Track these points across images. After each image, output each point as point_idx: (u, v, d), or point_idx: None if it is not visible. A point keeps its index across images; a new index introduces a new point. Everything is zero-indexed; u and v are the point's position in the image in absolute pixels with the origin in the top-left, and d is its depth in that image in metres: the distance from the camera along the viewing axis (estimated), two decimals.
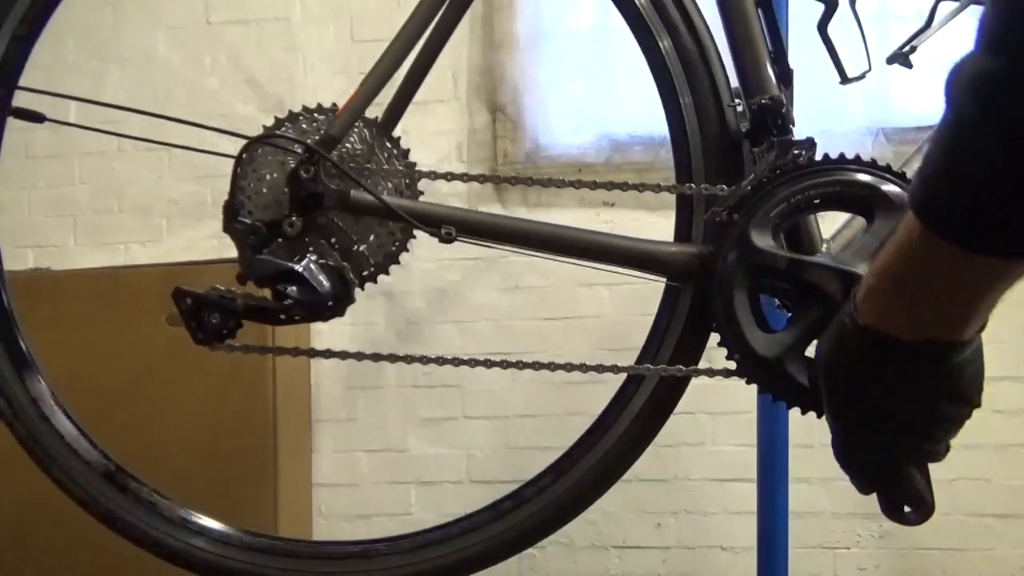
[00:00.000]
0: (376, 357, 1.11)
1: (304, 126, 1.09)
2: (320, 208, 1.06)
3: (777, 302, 1.04)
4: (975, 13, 1.07)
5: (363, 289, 1.09)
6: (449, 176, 1.12)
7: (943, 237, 0.63)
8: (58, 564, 2.16)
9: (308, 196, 1.05)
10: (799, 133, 1.04)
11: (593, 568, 2.42)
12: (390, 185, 1.10)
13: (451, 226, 1.04)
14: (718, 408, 2.30)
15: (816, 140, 1.01)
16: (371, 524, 2.47)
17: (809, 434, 2.23)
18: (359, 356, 1.11)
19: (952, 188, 0.62)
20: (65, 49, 2.46)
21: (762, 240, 0.98)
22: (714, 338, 1.05)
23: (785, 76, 1.07)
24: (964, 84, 0.59)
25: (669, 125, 1.11)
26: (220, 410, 2.19)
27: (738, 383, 1.04)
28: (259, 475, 2.22)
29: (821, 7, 1.08)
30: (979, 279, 0.66)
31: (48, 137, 2.43)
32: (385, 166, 1.10)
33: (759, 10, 1.07)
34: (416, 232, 1.08)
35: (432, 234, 1.05)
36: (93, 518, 1.16)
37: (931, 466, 2.23)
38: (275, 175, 1.07)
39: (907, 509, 0.87)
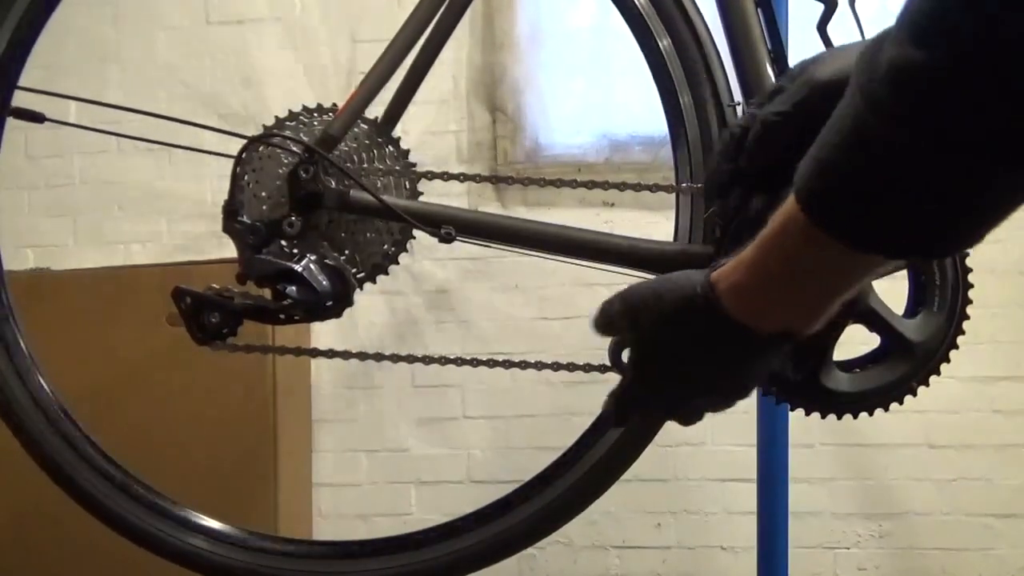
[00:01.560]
0: (376, 357, 1.11)
1: (304, 126, 1.09)
2: (320, 208, 1.06)
3: None
4: None
5: (362, 289, 1.09)
6: (449, 176, 1.12)
7: (833, 234, 0.60)
8: (58, 564, 2.16)
9: (308, 196, 1.05)
10: None
11: (593, 568, 2.42)
12: (390, 185, 1.10)
13: (450, 226, 1.04)
14: None
15: None
16: (371, 524, 2.47)
17: (809, 434, 2.26)
18: (359, 356, 1.11)
19: (849, 184, 0.58)
20: (65, 49, 2.46)
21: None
22: None
23: None
24: (881, 71, 0.54)
25: (669, 125, 1.11)
26: (220, 410, 2.19)
27: None
28: (259, 475, 2.21)
29: (821, 7, 1.07)
30: (855, 276, 0.64)
31: (48, 137, 2.43)
32: (385, 166, 1.10)
33: (759, 10, 1.07)
34: (416, 232, 1.08)
35: (432, 234, 1.04)
36: (93, 517, 1.16)
37: (931, 466, 2.23)
38: (275, 175, 1.07)
39: None
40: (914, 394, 0.96)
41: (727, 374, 0.75)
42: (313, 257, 1.05)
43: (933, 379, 0.96)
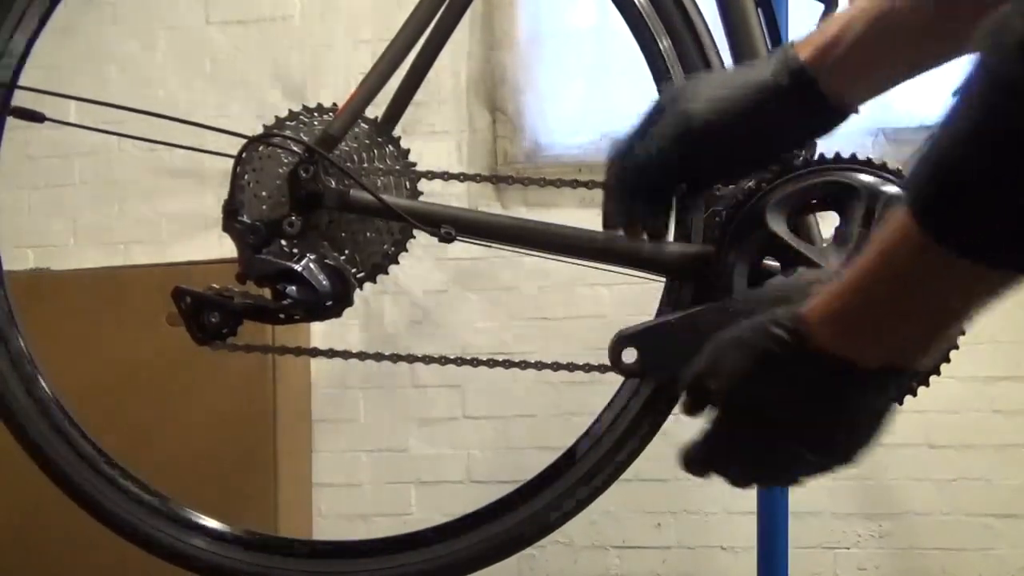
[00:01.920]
0: (376, 357, 1.11)
1: (304, 126, 1.09)
2: (320, 208, 1.06)
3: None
4: None
5: (362, 289, 1.10)
6: (449, 176, 1.12)
7: (953, 248, 0.51)
8: (58, 564, 2.16)
9: (308, 196, 1.05)
10: None
11: (593, 568, 2.41)
12: (390, 185, 1.10)
13: (450, 226, 1.04)
14: None
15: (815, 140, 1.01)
16: (371, 524, 2.47)
17: None
18: (359, 356, 1.11)
19: (975, 185, 0.49)
20: (65, 49, 2.45)
21: (777, 225, 0.98)
22: None
23: None
24: (1012, 47, 0.45)
25: None
26: (220, 410, 2.19)
27: None
28: (259, 475, 2.21)
29: (821, 7, 1.07)
30: (978, 296, 0.55)
31: (48, 137, 2.42)
32: (385, 166, 1.10)
33: (759, 10, 1.07)
34: (416, 232, 1.08)
35: (432, 234, 1.05)
36: (93, 518, 1.16)
37: (931, 466, 2.23)
38: (275, 175, 1.07)
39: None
40: (914, 394, 0.96)
41: (829, 421, 0.65)
42: (313, 257, 1.06)
43: (933, 379, 0.96)
